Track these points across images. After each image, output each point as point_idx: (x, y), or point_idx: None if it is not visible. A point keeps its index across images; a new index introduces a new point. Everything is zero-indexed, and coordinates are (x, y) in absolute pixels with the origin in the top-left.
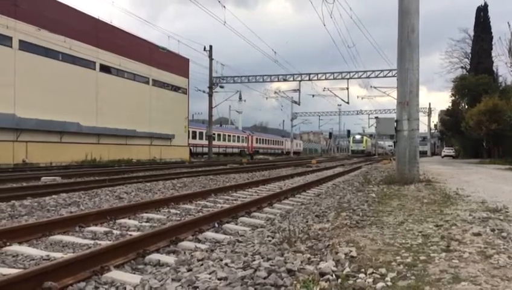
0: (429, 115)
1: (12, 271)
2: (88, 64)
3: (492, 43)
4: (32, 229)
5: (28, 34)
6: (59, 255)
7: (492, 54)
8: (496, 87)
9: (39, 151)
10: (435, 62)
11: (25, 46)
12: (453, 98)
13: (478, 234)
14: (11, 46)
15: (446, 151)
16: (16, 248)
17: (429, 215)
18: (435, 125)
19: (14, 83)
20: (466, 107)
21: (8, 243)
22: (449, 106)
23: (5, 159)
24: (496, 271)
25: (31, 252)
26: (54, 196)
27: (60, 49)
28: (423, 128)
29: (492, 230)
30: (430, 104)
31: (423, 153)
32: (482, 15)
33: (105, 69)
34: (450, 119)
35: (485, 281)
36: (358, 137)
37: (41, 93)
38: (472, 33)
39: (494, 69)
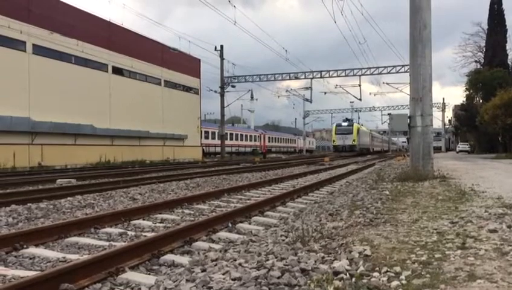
0: (443, 110)
1: (30, 273)
2: (100, 66)
3: (507, 36)
4: (49, 231)
5: (41, 38)
6: (75, 257)
7: (507, 47)
8: (511, 81)
9: (54, 153)
10: (448, 57)
11: (38, 50)
12: (468, 92)
13: (494, 231)
14: (24, 51)
15: (461, 146)
16: (32, 250)
17: (444, 212)
18: (449, 121)
19: (28, 87)
20: (481, 101)
21: (25, 246)
22: (463, 101)
23: (21, 162)
24: None
25: (48, 254)
26: (69, 198)
27: (72, 52)
28: (437, 123)
29: (509, 226)
30: (443, 99)
31: (437, 149)
32: (495, 8)
33: (117, 71)
34: (465, 114)
35: (501, 279)
36: (344, 124)
37: (55, 97)
38: (486, 26)
39: (509, 62)
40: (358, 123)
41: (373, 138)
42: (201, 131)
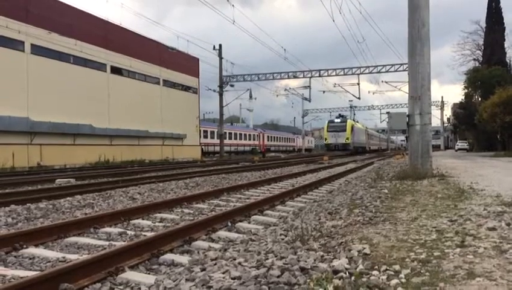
0: (442, 108)
1: (29, 273)
2: (99, 66)
3: (505, 34)
4: (48, 231)
5: (39, 38)
6: (74, 257)
7: (505, 46)
8: (509, 79)
9: (53, 153)
10: (446, 55)
11: (37, 50)
12: (466, 90)
13: (493, 229)
14: (23, 51)
15: (460, 144)
16: (32, 250)
17: (443, 211)
18: (448, 119)
19: (27, 87)
20: (479, 99)
21: (24, 246)
22: (462, 99)
23: (20, 162)
24: (511, 266)
25: (47, 254)
26: (68, 198)
27: (71, 52)
28: (436, 122)
29: (508, 224)
30: (442, 97)
31: (436, 147)
32: (493, 6)
33: (116, 70)
34: (463, 112)
35: (500, 277)
36: (337, 121)
37: (53, 96)
38: (484, 25)
39: (507, 60)
40: (354, 120)
41: (369, 136)
42: (200, 130)
